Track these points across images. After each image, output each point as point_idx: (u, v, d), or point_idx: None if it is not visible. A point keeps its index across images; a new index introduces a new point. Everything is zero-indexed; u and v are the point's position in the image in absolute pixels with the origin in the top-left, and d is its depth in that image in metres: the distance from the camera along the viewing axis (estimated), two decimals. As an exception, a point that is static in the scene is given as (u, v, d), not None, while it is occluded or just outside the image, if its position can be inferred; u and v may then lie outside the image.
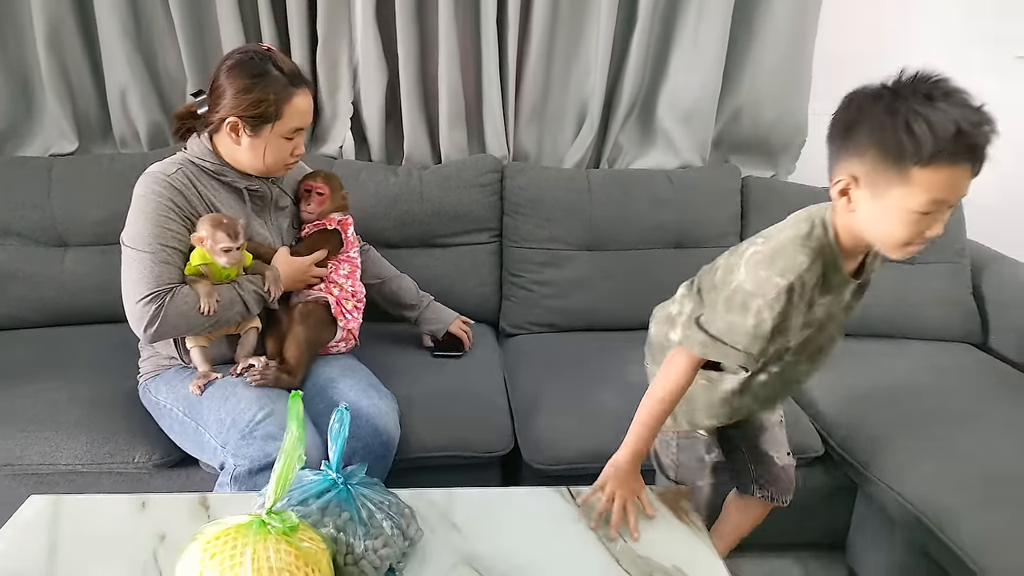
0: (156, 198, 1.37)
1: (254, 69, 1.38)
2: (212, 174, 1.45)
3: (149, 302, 1.33)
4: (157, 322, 1.34)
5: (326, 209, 1.59)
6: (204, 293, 1.36)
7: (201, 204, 1.42)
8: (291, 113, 1.40)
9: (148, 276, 1.34)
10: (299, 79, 1.42)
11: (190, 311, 1.36)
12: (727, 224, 2.08)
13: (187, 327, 1.40)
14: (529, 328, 2.06)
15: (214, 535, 0.85)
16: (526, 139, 2.21)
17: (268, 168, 1.46)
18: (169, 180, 1.39)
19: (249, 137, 1.41)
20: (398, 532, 0.99)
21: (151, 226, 1.36)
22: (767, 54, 2.12)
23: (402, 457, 1.50)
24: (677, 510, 1.15)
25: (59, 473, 1.51)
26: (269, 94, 1.37)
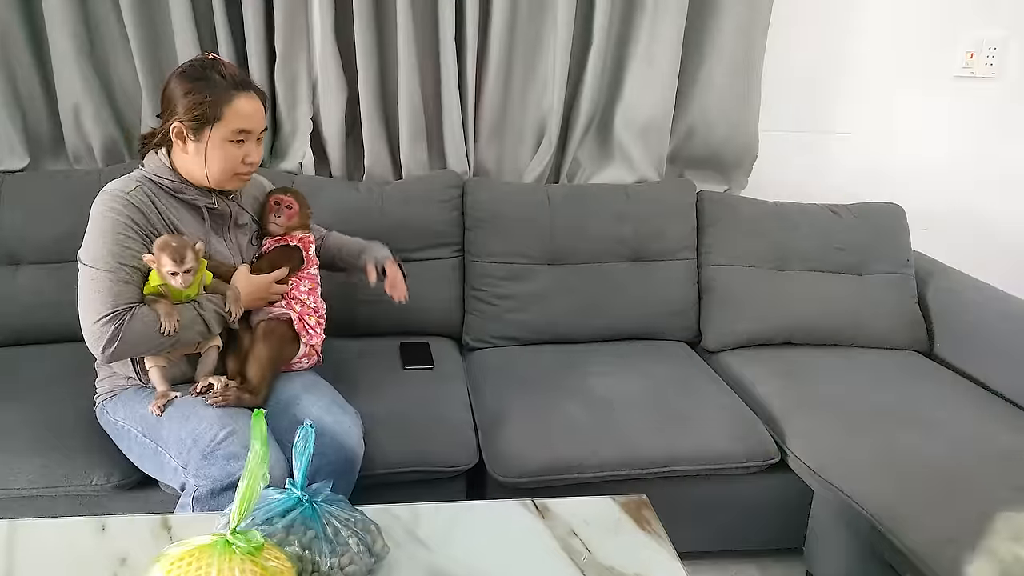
0: (115, 216, 1.35)
1: (195, 74, 1.38)
2: (171, 192, 1.44)
3: (108, 322, 1.31)
4: (116, 342, 1.32)
5: (292, 225, 1.59)
6: (164, 312, 1.35)
7: (160, 222, 1.40)
8: (232, 115, 1.38)
9: (106, 296, 1.32)
10: (242, 84, 1.40)
11: (150, 331, 1.34)
12: (684, 238, 2.14)
13: (147, 347, 1.38)
14: (492, 342, 2.07)
15: (177, 556, 0.84)
16: (486, 155, 2.24)
17: (218, 176, 1.43)
18: (128, 198, 1.37)
19: (193, 142, 1.39)
20: (364, 548, 1.00)
21: (109, 244, 1.34)
22: (717, 73, 2.18)
23: (367, 473, 1.50)
24: (640, 520, 1.17)
25: (12, 498, 1.46)
26: (207, 95, 1.36)
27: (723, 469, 1.63)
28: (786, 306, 2.07)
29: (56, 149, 2.11)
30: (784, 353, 2.04)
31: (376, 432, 1.56)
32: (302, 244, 1.60)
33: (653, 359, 1.98)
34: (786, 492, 1.71)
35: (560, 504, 1.20)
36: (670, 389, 1.81)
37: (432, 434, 1.61)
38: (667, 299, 2.11)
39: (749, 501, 1.72)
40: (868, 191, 2.35)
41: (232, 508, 0.97)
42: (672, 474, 1.61)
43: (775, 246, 2.13)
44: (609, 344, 2.07)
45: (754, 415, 1.75)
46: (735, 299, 2.08)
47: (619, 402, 1.74)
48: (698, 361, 2.01)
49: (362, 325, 2.01)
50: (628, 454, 1.60)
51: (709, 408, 1.75)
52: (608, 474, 1.60)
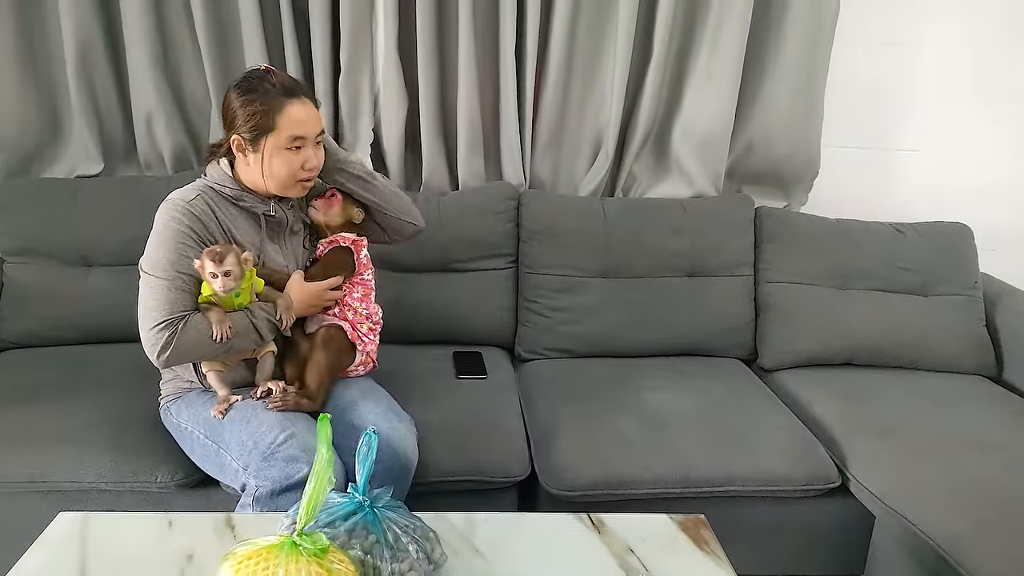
0: (175, 225, 1.39)
1: (248, 87, 1.42)
2: (231, 200, 1.47)
3: (162, 329, 1.35)
4: (169, 349, 1.35)
5: (334, 215, 1.57)
6: (216, 320, 1.37)
7: (219, 231, 1.44)
8: (286, 123, 1.40)
9: (163, 303, 1.36)
10: (295, 91, 1.43)
11: (202, 338, 1.37)
12: (741, 253, 2.11)
13: (200, 353, 1.42)
14: (544, 353, 2.07)
15: (245, 555, 0.86)
16: (542, 167, 2.25)
17: (279, 184, 1.46)
18: (189, 207, 1.41)
19: (252, 153, 1.43)
20: (423, 556, 1.00)
21: (169, 253, 1.38)
22: (779, 89, 2.16)
23: (419, 481, 1.51)
24: (698, 539, 1.16)
25: (82, 491, 1.52)
26: (260, 106, 1.39)
27: (782, 491, 1.60)
28: (847, 326, 2.02)
29: (129, 156, 2.19)
30: (844, 374, 1.99)
31: (430, 440, 1.57)
32: (355, 247, 1.60)
33: (708, 376, 1.95)
34: (846, 517, 1.66)
35: (616, 520, 1.19)
36: (726, 407, 1.78)
37: (485, 444, 1.62)
38: (723, 315, 2.08)
39: (807, 525, 1.68)
40: (933, 210, 2.28)
41: (296, 510, 0.99)
42: (728, 494, 1.58)
43: (837, 264, 2.09)
44: (662, 359, 2.05)
45: (814, 437, 1.71)
46: (794, 317, 2.04)
47: (673, 418, 1.72)
48: (754, 379, 1.98)
49: (415, 333, 2.04)
50: (683, 472, 1.58)
51: (767, 428, 1.71)
52: (662, 491, 1.57)
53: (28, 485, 1.50)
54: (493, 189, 2.14)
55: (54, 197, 2.00)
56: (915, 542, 1.44)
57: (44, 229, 1.98)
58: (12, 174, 2.09)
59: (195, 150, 2.18)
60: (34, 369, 1.83)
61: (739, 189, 2.31)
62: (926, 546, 1.41)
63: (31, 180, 2.09)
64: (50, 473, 1.50)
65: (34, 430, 1.55)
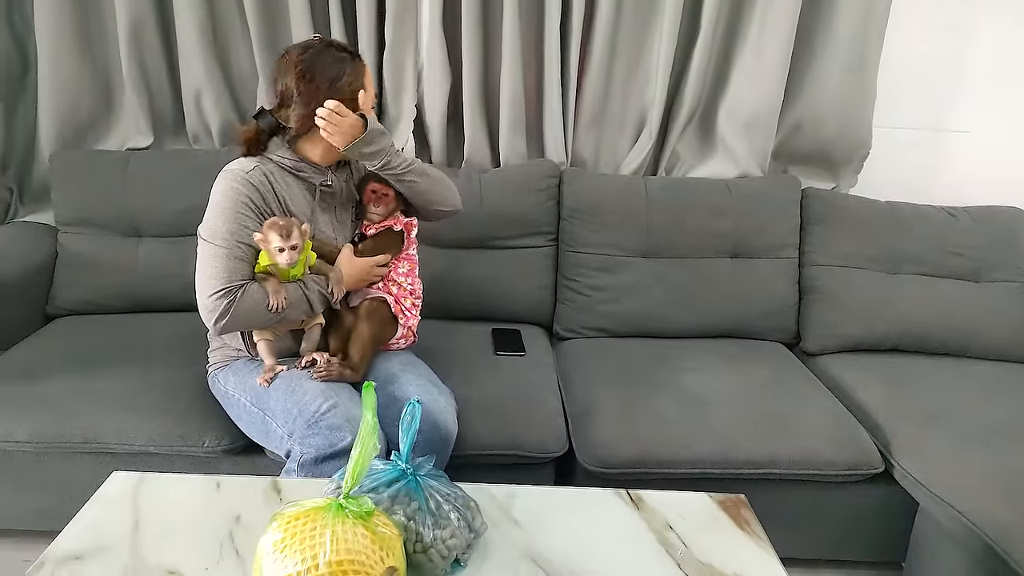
0: (234, 195, 1.41)
1: (332, 58, 1.43)
2: (289, 170, 1.48)
3: (221, 296, 1.36)
4: (227, 317, 1.37)
5: (391, 209, 1.62)
6: (272, 291, 1.39)
7: (275, 202, 1.45)
8: (369, 83, 1.49)
9: (221, 271, 1.37)
10: (355, 51, 1.50)
11: (258, 307, 1.39)
12: (786, 235, 2.07)
13: (255, 322, 1.44)
14: (582, 332, 2.07)
15: (293, 516, 0.88)
16: (585, 145, 2.23)
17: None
18: (247, 177, 1.42)
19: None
20: (464, 524, 1.01)
21: (228, 223, 1.39)
22: (830, 67, 2.10)
23: (458, 453, 1.52)
24: (738, 519, 1.15)
25: (132, 454, 1.57)
26: (347, 71, 1.43)
27: (823, 476, 1.57)
28: (895, 311, 1.98)
29: (178, 130, 2.23)
30: (890, 360, 1.95)
31: (468, 413, 1.58)
32: (406, 228, 1.62)
33: (748, 358, 1.93)
34: (888, 504, 1.63)
35: (655, 497, 1.19)
36: (767, 389, 1.76)
37: (524, 419, 1.62)
38: (766, 297, 2.05)
39: (847, 510, 1.65)
40: (985, 193, 2.20)
41: (340, 475, 1.01)
42: (768, 476, 1.57)
43: (886, 247, 2.04)
44: (702, 340, 2.03)
45: (858, 422, 1.68)
46: (839, 301, 2.00)
47: (713, 399, 1.70)
48: (796, 363, 1.95)
49: (455, 309, 2.05)
50: (723, 452, 1.56)
51: (810, 411, 1.69)
52: (700, 471, 1.56)
53: (82, 446, 1.56)
54: (535, 167, 2.13)
55: (106, 169, 2.05)
56: (961, 530, 1.41)
57: (96, 200, 2.04)
58: (66, 145, 2.14)
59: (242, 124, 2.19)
60: (87, 336, 1.89)
61: (785, 170, 2.26)
62: (972, 534, 1.38)
63: (85, 152, 2.15)
64: (103, 436, 1.55)
65: (88, 394, 1.60)
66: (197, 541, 1.03)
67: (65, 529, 1.05)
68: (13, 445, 1.56)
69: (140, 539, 1.04)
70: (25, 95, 2.15)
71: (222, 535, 1.04)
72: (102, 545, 1.02)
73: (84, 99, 2.14)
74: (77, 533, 1.05)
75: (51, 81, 2.08)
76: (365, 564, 0.84)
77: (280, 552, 0.84)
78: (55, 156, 2.09)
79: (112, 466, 1.54)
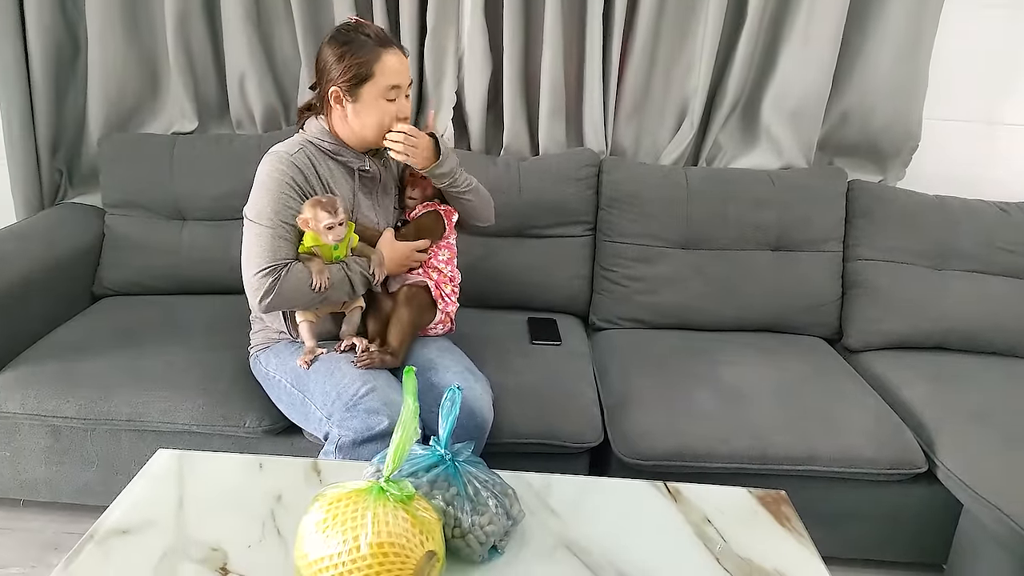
0: (279, 176, 1.43)
1: (343, 39, 1.45)
2: (329, 154, 1.51)
3: (266, 275, 1.39)
4: (272, 295, 1.39)
5: (427, 194, 1.63)
6: (316, 270, 1.41)
7: (319, 184, 1.48)
8: (383, 71, 1.43)
9: (266, 250, 1.40)
10: (387, 40, 1.46)
11: (302, 286, 1.41)
12: (830, 229, 2.03)
13: (298, 301, 1.46)
14: (619, 323, 2.05)
15: (335, 497, 0.89)
16: (625, 134, 2.20)
17: (375, 133, 1.48)
18: (292, 159, 1.45)
19: (351, 103, 1.45)
20: (502, 511, 1.01)
21: (273, 203, 1.42)
22: (881, 55, 2.04)
23: (493, 441, 1.53)
24: (778, 515, 1.13)
25: (175, 432, 1.60)
26: (358, 56, 1.42)
27: (865, 474, 1.54)
28: (941, 308, 1.93)
29: (222, 115, 2.26)
30: (935, 358, 1.91)
31: (504, 402, 1.58)
32: (446, 215, 1.63)
33: (789, 352, 1.90)
34: (930, 504, 1.60)
35: (693, 490, 1.18)
36: (807, 384, 1.73)
37: (559, 409, 1.62)
38: (807, 292, 2.01)
39: (888, 510, 1.62)
40: (1037, 189, 2.13)
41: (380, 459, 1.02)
42: (807, 473, 1.54)
43: (934, 243, 1.99)
44: (741, 334, 2.01)
45: (900, 420, 1.64)
46: (884, 296, 1.96)
47: (752, 393, 1.68)
48: (838, 359, 1.91)
49: (491, 297, 2.05)
50: (761, 448, 1.54)
51: (851, 408, 1.66)
52: (738, 466, 1.55)
53: (127, 424, 1.60)
54: (574, 155, 2.11)
55: (152, 152, 2.09)
56: (1007, 533, 1.38)
57: (142, 183, 2.08)
58: (114, 129, 2.18)
59: (284, 110, 2.22)
60: (132, 316, 1.93)
61: (831, 161, 2.21)
62: (1019, 538, 1.35)
63: (131, 135, 2.19)
64: (147, 414, 1.58)
65: (134, 373, 1.64)
66: (240, 519, 1.05)
67: (112, 504, 1.08)
68: (62, 421, 1.61)
69: (185, 516, 1.06)
70: (76, 79, 2.19)
71: (264, 514, 1.06)
72: (148, 520, 1.05)
73: (131, 83, 2.18)
74: (124, 508, 1.07)
75: (100, 66, 2.12)
76: (405, 547, 0.84)
77: (322, 532, 0.85)
78: (103, 139, 2.14)
79: (155, 444, 1.59)
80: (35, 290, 1.85)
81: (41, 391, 1.60)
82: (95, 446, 1.67)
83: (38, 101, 2.12)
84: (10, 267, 1.81)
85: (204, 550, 0.99)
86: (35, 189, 2.19)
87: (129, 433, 1.63)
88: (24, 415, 1.60)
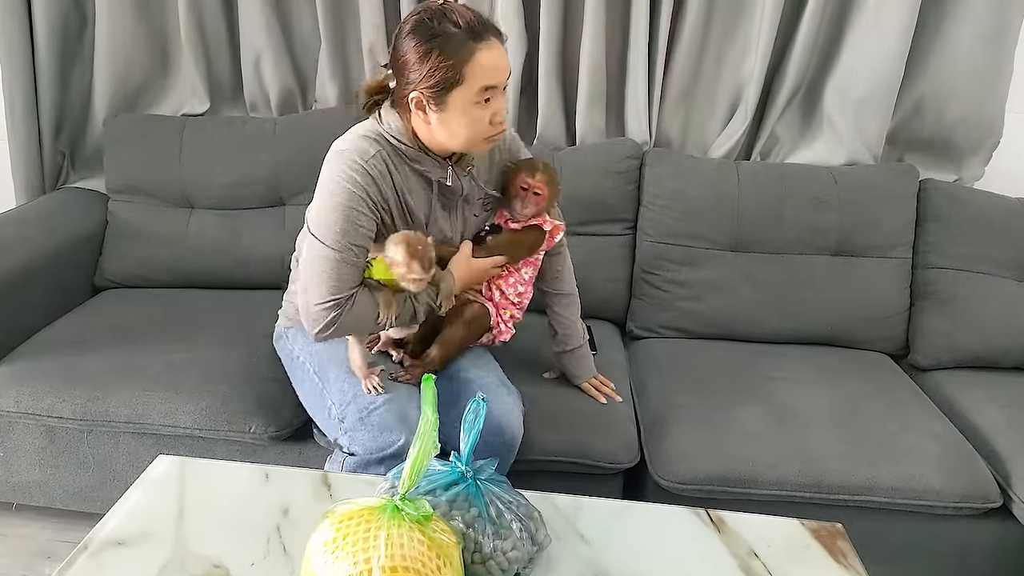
0: (350, 187, 1.32)
1: (426, 31, 1.27)
2: (408, 159, 1.39)
3: (331, 308, 1.33)
4: (333, 327, 1.35)
5: (541, 209, 1.52)
6: (384, 303, 1.37)
7: (393, 195, 1.38)
8: (475, 73, 1.27)
9: (332, 279, 1.33)
10: (481, 30, 1.28)
11: (366, 318, 1.38)
12: (899, 233, 2.00)
13: (359, 330, 1.43)
14: (659, 332, 2.04)
15: (347, 515, 0.89)
16: (670, 124, 2.19)
17: (466, 143, 1.36)
18: (366, 167, 1.33)
19: (436, 112, 1.31)
20: (527, 535, 1.01)
21: (341, 222, 1.32)
22: (961, 38, 2.00)
23: (521, 458, 1.53)
24: (833, 550, 1.11)
25: (176, 436, 1.63)
26: (445, 59, 1.26)
27: (931, 507, 1.51)
28: (1022, 323, 1.89)
29: (235, 96, 2.29)
30: (1014, 379, 1.87)
31: (532, 416, 1.57)
32: (551, 234, 1.55)
33: (849, 369, 1.88)
34: (1004, 543, 1.57)
35: (738, 519, 1.16)
36: (869, 406, 1.71)
37: (591, 425, 1.61)
38: (871, 302, 1.98)
39: (956, 547, 1.59)
40: None
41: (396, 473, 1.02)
42: (866, 504, 1.52)
43: (1016, 251, 1.95)
44: (796, 347, 1.98)
45: (973, 448, 1.61)
46: (958, 309, 1.92)
47: (806, 413, 1.66)
48: (903, 377, 1.89)
49: (520, 300, 2.04)
50: (815, 475, 1.52)
51: (917, 433, 1.63)
52: (788, 494, 1.53)
53: (126, 426, 1.63)
54: (614, 146, 2.10)
55: (161, 135, 2.13)
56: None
57: (149, 167, 2.12)
58: (120, 108, 2.22)
59: (301, 93, 2.25)
60: (134, 310, 1.97)
61: (901, 157, 2.18)
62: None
63: (138, 115, 2.23)
64: (147, 416, 1.61)
65: (134, 372, 1.67)
66: (243, 533, 1.06)
67: (109, 513, 1.10)
68: (57, 421, 1.64)
69: (185, 527, 1.07)
70: (82, 55, 2.24)
71: (269, 529, 1.07)
72: (146, 532, 1.06)
73: (140, 60, 2.22)
74: (121, 518, 1.09)
75: (107, 41, 2.16)
76: (421, 572, 0.84)
77: (331, 552, 0.86)
78: (109, 120, 2.18)
79: (155, 448, 1.62)
80: (33, 281, 1.89)
81: (36, 388, 1.63)
82: (92, 449, 1.70)
83: (42, 78, 2.17)
84: (8, 256, 1.86)
85: (205, 566, 1.00)
86: (36, 172, 2.25)
87: (128, 436, 1.66)
88: (18, 413, 1.64)
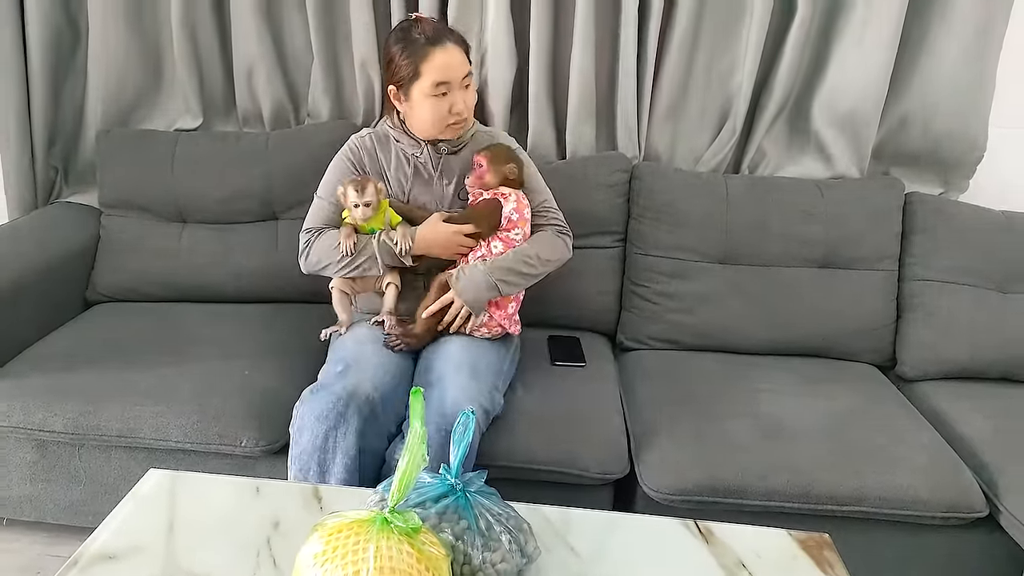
0: (343, 155, 1.74)
1: (398, 38, 1.64)
2: (394, 140, 1.74)
3: (305, 234, 1.69)
4: (306, 253, 1.68)
5: (489, 182, 1.68)
6: (344, 235, 1.62)
7: (374, 166, 1.73)
8: (429, 69, 1.60)
9: (314, 216, 1.71)
10: (439, 37, 1.62)
11: (329, 248, 1.64)
12: (885, 246, 2.01)
13: (327, 261, 1.65)
14: (649, 343, 2.05)
15: (336, 528, 0.89)
16: (660, 138, 2.20)
17: (430, 129, 1.67)
18: (359, 141, 1.74)
19: (405, 102, 1.66)
20: (516, 548, 1.01)
21: (331, 177, 1.72)
22: (945, 54, 2.02)
23: (507, 465, 1.54)
24: (820, 561, 1.12)
25: (168, 450, 1.63)
26: (406, 56, 1.60)
27: (918, 517, 1.52)
28: (1006, 335, 1.91)
29: (228, 111, 2.30)
30: (999, 390, 1.89)
31: (521, 426, 1.59)
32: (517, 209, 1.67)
33: (836, 381, 1.89)
34: (991, 553, 1.58)
35: (727, 530, 1.17)
36: (856, 417, 1.72)
37: (581, 436, 1.62)
38: (858, 314, 1.99)
39: (943, 557, 1.60)
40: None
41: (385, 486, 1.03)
42: (853, 515, 1.53)
43: (1000, 263, 1.97)
44: (784, 359, 1.99)
45: (959, 459, 1.62)
46: (943, 321, 1.94)
47: (794, 425, 1.67)
48: (891, 388, 1.90)
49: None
50: (803, 485, 1.53)
51: (904, 444, 1.64)
52: (776, 505, 1.53)
53: (117, 440, 1.62)
54: (604, 160, 2.11)
55: (153, 149, 2.13)
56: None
57: (142, 182, 2.12)
58: (111, 122, 2.22)
59: (294, 107, 2.26)
60: (127, 324, 1.97)
61: (887, 171, 2.19)
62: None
63: (131, 131, 2.23)
64: (138, 430, 1.61)
65: (125, 386, 1.67)
66: (234, 547, 1.06)
67: (99, 527, 1.10)
68: (49, 435, 1.63)
69: (175, 542, 1.07)
70: (75, 70, 2.24)
71: (259, 542, 1.07)
72: (136, 546, 1.06)
73: (133, 75, 2.22)
74: (111, 532, 1.09)
75: (100, 56, 2.17)
76: (410, 584, 0.85)
77: (321, 565, 0.86)
78: (102, 134, 2.18)
79: (147, 461, 1.61)
80: (26, 295, 1.89)
81: (28, 403, 1.63)
82: (83, 463, 1.69)
83: (35, 92, 2.18)
84: (0, 270, 1.85)
85: (194, 580, 1.00)
86: (29, 186, 2.25)
87: (119, 450, 1.66)
88: (9, 428, 1.63)
